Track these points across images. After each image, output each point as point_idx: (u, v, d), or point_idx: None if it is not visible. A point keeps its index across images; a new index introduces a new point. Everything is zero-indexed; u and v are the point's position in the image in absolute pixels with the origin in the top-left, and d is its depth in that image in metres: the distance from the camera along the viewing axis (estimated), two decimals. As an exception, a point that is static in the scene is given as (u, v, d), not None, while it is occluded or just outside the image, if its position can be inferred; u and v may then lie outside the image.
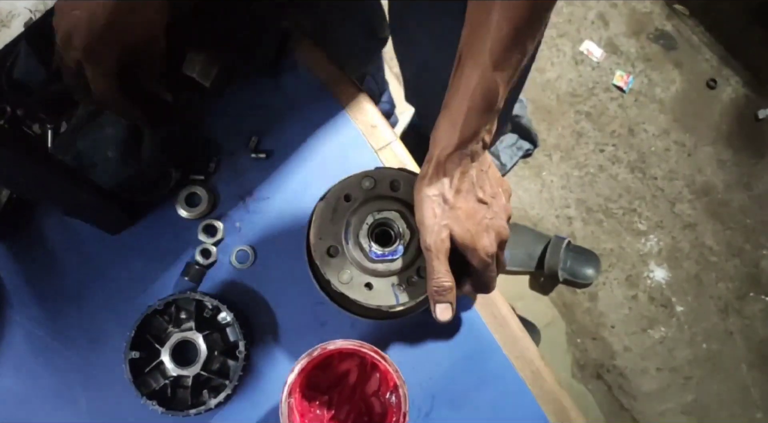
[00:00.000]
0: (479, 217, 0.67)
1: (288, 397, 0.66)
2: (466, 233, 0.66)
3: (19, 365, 0.79)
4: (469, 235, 0.66)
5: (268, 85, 0.87)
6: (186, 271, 0.79)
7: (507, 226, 0.70)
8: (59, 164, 0.63)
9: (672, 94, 2.08)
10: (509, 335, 0.82)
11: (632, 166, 2.02)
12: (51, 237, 0.81)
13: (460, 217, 0.66)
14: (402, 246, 0.70)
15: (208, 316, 0.77)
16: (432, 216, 0.65)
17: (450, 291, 0.67)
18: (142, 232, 0.82)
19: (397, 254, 0.70)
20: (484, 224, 0.67)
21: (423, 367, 0.81)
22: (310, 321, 0.81)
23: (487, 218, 0.67)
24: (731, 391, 1.89)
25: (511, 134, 1.96)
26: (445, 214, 0.66)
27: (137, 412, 0.76)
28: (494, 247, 0.68)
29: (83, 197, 0.66)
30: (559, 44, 2.09)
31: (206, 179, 0.83)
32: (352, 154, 0.85)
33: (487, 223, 0.67)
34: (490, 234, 0.67)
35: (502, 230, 0.69)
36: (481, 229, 0.66)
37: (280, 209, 0.83)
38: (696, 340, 1.92)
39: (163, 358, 0.75)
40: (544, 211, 1.98)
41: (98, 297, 0.80)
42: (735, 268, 1.97)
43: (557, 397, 0.82)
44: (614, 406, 1.88)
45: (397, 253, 0.70)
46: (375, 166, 0.74)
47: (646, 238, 1.98)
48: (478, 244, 0.66)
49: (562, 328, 1.91)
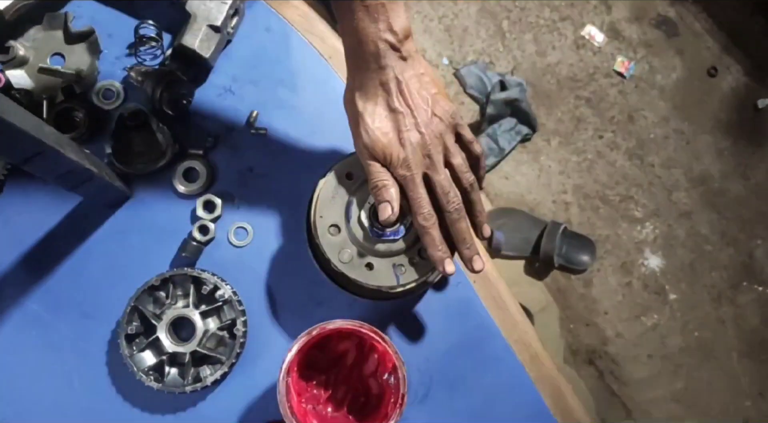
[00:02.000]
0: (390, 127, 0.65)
1: (286, 375, 0.66)
2: (376, 143, 0.64)
3: (12, 340, 0.77)
4: (380, 146, 0.65)
5: (270, 60, 0.85)
6: (184, 247, 0.77)
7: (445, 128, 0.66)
8: (57, 134, 0.61)
9: (672, 82, 2.07)
10: (508, 318, 0.82)
11: (630, 153, 2.01)
12: (46, 210, 0.79)
13: (369, 125, 0.65)
14: (404, 226, 0.69)
15: (205, 293, 0.76)
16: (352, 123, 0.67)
17: (384, 188, 0.65)
18: (139, 206, 0.80)
19: (398, 234, 0.69)
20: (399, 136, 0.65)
21: (421, 349, 0.80)
22: (308, 300, 0.80)
23: (404, 129, 0.64)
24: (722, 379, 1.91)
25: (509, 118, 1.95)
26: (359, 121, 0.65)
27: (132, 388, 0.76)
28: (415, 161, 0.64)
29: (81, 169, 0.65)
30: (561, 28, 2.07)
31: (205, 154, 0.81)
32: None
33: (404, 135, 0.64)
34: (405, 147, 0.64)
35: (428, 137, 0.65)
36: (393, 139, 0.65)
37: (279, 186, 0.82)
38: (688, 328, 1.93)
39: (159, 335, 0.74)
40: (541, 196, 1.98)
41: (94, 272, 0.79)
42: (729, 257, 1.98)
43: (555, 381, 0.82)
44: (605, 391, 1.89)
45: (399, 233, 0.69)
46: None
47: (642, 225, 1.98)
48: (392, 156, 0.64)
49: (555, 313, 1.92)
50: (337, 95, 0.84)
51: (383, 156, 0.65)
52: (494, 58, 2.04)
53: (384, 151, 0.65)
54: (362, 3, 0.60)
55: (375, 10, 0.61)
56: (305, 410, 0.71)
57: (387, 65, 0.63)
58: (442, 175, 0.66)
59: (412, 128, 0.65)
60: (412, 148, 0.65)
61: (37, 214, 0.79)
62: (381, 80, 0.64)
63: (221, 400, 0.77)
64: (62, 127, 0.78)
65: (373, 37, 0.62)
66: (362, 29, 0.62)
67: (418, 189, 0.65)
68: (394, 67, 0.64)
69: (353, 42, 0.63)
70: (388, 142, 0.65)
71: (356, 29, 0.62)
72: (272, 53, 0.85)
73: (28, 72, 0.80)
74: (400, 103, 0.65)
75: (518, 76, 2.02)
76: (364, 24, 0.62)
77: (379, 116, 0.65)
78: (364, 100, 0.65)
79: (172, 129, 0.79)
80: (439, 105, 0.66)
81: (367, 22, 0.61)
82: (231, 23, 0.82)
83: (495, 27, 2.06)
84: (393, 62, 0.64)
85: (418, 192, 0.65)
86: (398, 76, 0.64)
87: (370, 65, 0.64)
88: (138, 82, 0.79)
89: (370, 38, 0.62)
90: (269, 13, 0.86)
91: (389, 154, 0.65)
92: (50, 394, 0.77)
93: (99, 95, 0.81)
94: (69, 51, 0.81)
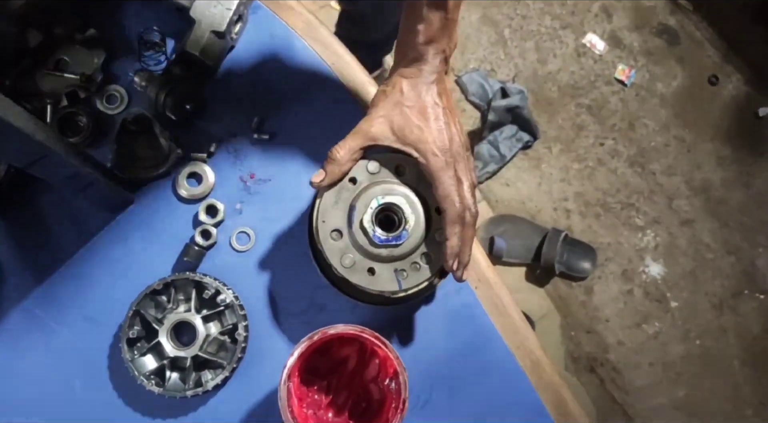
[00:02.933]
0: (433, 119, 0.68)
1: (287, 380, 0.66)
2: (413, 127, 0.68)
3: (14, 343, 0.78)
4: (417, 127, 0.67)
5: (273, 66, 0.85)
6: (186, 251, 0.78)
7: (466, 143, 0.70)
8: (60, 138, 0.61)
9: (673, 90, 2.07)
10: (510, 324, 0.82)
11: (631, 160, 2.02)
12: (49, 215, 0.80)
13: (408, 112, 0.68)
14: (406, 231, 0.69)
15: (207, 298, 0.76)
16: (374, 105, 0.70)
17: (332, 161, 0.68)
18: (142, 211, 0.81)
19: (401, 239, 0.69)
20: (439, 125, 0.68)
21: (422, 355, 0.80)
22: (310, 305, 0.80)
23: (443, 123, 0.68)
24: (723, 387, 1.91)
25: (511, 125, 1.95)
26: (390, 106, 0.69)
27: (133, 392, 0.76)
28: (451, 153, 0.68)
29: (85, 173, 0.65)
30: (562, 36, 2.08)
31: (207, 159, 0.82)
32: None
33: (444, 128, 0.68)
34: (444, 137, 0.68)
35: (459, 140, 0.69)
36: (434, 128, 0.68)
37: (281, 191, 0.82)
38: (689, 336, 1.93)
39: (160, 339, 0.74)
40: (543, 203, 1.98)
41: (96, 276, 0.79)
42: (731, 265, 1.98)
43: (556, 387, 0.81)
44: (606, 399, 1.89)
45: (401, 238, 0.69)
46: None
47: (643, 233, 1.98)
48: (427, 141, 0.67)
49: (556, 320, 1.92)
50: (339, 101, 0.85)
51: (415, 139, 0.67)
52: (495, 66, 2.05)
53: (420, 137, 0.67)
54: (445, 15, 0.66)
55: (450, 24, 0.68)
56: (306, 415, 0.71)
57: (437, 71, 0.69)
58: (467, 181, 0.68)
59: (452, 125, 0.69)
60: (450, 141, 0.68)
61: (40, 217, 0.80)
62: (430, 79, 0.69)
63: (222, 405, 0.77)
64: (66, 131, 0.78)
65: (439, 45, 0.68)
66: (434, 36, 0.67)
67: (453, 178, 0.67)
68: (440, 74, 0.70)
69: (422, 41, 0.68)
70: (428, 128, 0.68)
71: (430, 34, 0.67)
72: (275, 59, 0.85)
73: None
74: (442, 101, 0.69)
75: (519, 83, 2.03)
76: (439, 33, 0.67)
77: (422, 104, 0.68)
78: (409, 87, 0.69)
79: (175, 134, 0.80)
80: (462, 125, 0.71)
81: (441, 32, 0.67)
82: (234, 29, 0.82)
83: (496, 35, 2.07)
84: (441, 70, 0.70)
85: (453, 181, 0.67)
86: (441, 82, 0.70)
87: (425, 65, 0.68)
88: (142, 87, 0.79)
89: (437, 43, 0.68)
90: (273, 19, 0.86)
91: (424, 140, 0.67)
92: (51, 397, 0.77)
93: (103, 100, 0.81)
94: (73, 56, 0.81)
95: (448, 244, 0.67)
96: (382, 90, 0.71)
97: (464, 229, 0.68)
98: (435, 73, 0.69)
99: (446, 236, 0.67)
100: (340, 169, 0.69)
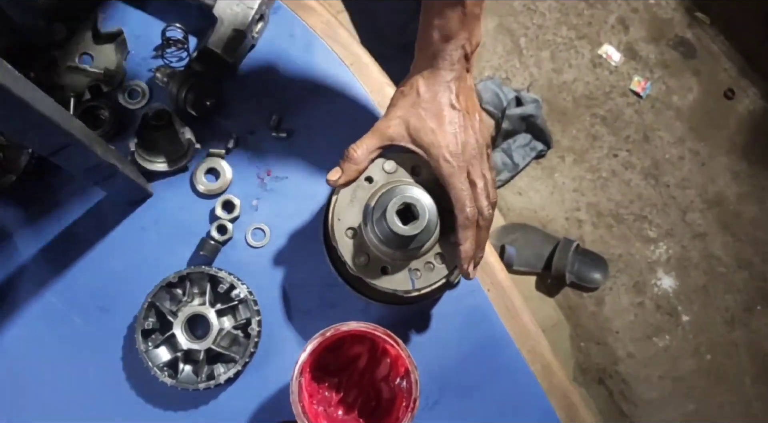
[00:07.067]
0: (447, 121, 0.68)
1: (299, 376, 0.66)
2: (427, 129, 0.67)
3: (30, 331, 0.78)
4: (431, 131, 0.67)
5: (292, 66, 0.86)
6: (202, 246, 0.78)
7: (483, 145, 0.70)
8: (85, 128, 0.62)
9: (689, 103, 2.07)
10: (521, 327, 0.82)
11: (645, 172, 2.01)
12: (68, 205, 0.81)
13: (423, 113, 0.68)
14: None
15: (221, 292, 0.76)
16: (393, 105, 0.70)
17: (348, 160, 0.69)
18: (160, 204, 0.81)
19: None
20: (453, 129, 0.68)
21: (433, 356, 0.80)
22: (323, 302, 0.80)
23: (458, 126, 0.68)
24: (733, 403, 1.89)
25: (524, 134, 1.95)
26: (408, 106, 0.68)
27: (146, 383, 0.76)
28: (464, 157, 0.67)
29: (106, 164, 0.66)
30: (578, 46, 2.08)
31: (225, 155, 0.83)
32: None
33: (459, 130, 0.68)
34: (458, 141, 0.67)
35: (475, 143, 0.68)
36: (448, 131, 0.67)
37: (297, 189, 0.83)
38: (700, 351, 1.91)
39: (175, 331, 0.75)
40: (555, 212, 1.97)
41: (113, 267, 0.80)
42: (743, 280, 1.96)
43: (567, 392, 0.81)
44: (614, 412, 1.87)
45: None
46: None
47: (656, 245, 1.97)
48: (441, 145, 0.67)
49: (566, 330, 1.91)
50: (357, 101, 0.86)
51: (428, 143, 0.67)
52: (510, 74, 2.06)
53: (434, 141, 0.67)
54: (463, 10, 0.66)
55: (470, 20, 0.67)
56: (317, 411, 0.71)
57: (456, 69, 0.68)
58: (481, 182, 0.68)
59: (468, 128, 0.68)
60: (463, 146, 0.68)
61: (60, 208, 0.81)
62: (448, 78, 0.68)
63: (234, 399, 0.78)
64: (88, 124, 0.79)
65: (458, 41, 0.67)
66: (452, 31, 0.67)
67: (465, 183, 0.67)
68: (460, 73, 0.69)
69: (438, 38, 0.67)
70: (441, 132, 0.67)
71: (447, 29, 0.67)
72: (295, 59, 0.86)
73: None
74: (459, 104, 0.69)
75: (534, 92, 2.03)
76: (457, 28, 0.67)
77: (437, 106, 0.68)
78: (426, 88, 0.69)
79: (195, 129, 0.81)
80: (483, 122, 0.70)
81: (459, 27, 0.67)
82: (256, 28, 0.83)
83: (512, 43, 2.07)
84: (461, 68, 0.69)
85: (465, 185, 0.67)
86: (461, 81, 0.69)
87: (443, 63, 0.68)
88: (163, 82, 0.80)
89: (455, 40, 0.67)
90: (293, 19, 0.87)
91: (437, 144, 0.67)
92: (65, 386, 0.78)
93: (125, 95, 0.82)
94: (97, 51, 0.83)
95: (461, 249, 0.67)
96: (401, 90, 0.71)
97: (477, 233, 0.68)
98: (453, 72, 0.68)
99: (459, 240, 0.67)
100: (356, 168, 0.69)
